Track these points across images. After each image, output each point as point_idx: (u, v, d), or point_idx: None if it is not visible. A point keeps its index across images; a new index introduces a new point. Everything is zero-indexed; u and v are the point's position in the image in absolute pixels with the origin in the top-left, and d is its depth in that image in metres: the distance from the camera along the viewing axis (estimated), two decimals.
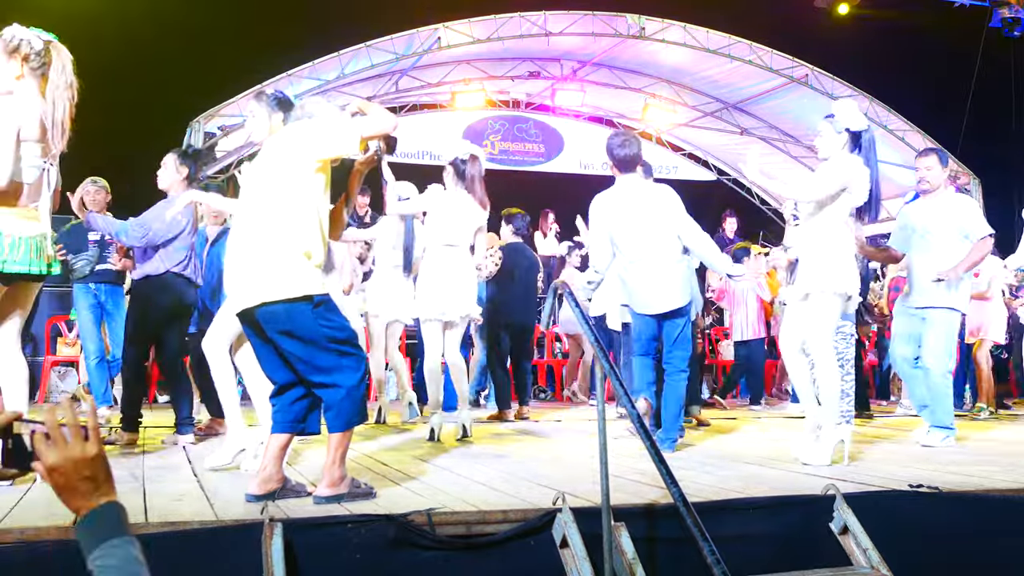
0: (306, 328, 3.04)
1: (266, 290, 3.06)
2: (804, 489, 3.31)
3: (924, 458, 4.46)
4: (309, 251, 3.10)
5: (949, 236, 5.15)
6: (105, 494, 1.35)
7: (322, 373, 3.09)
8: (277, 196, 3.11)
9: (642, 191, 4.89)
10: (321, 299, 3.08)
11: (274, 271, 3.06)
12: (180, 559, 2.46)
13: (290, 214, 3.09)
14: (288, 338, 3.07)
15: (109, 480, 1.37)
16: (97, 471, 1.35)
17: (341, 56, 11.55)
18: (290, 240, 3.07)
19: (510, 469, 3.95)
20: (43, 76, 3.42)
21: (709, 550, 2.36)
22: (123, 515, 1.35)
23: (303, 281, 3.06)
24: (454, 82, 13.18)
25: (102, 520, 1.33)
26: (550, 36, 12.09)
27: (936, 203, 5.25)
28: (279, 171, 3.15)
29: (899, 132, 13.07)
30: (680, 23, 12.36)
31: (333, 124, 3.25)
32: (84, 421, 1.38)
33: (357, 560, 2.56)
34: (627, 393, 2.86)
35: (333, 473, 3.08)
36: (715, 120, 14.10)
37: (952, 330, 5.19)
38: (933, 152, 5.46)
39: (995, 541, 3.12)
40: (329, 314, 3.11)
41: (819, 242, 4.31)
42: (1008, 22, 13.19)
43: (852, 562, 2.90)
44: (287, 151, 3.17)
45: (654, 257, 4.75)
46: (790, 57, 12.77)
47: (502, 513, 2.81)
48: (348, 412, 3.10)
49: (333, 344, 3.07)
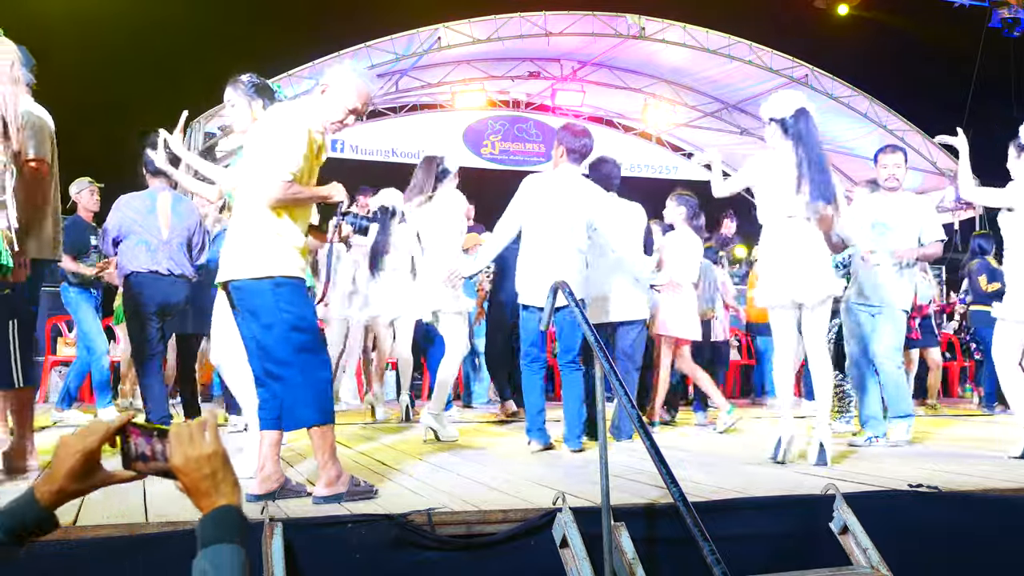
0: (266, 310, 2.98)
1: (236, 267, 3.05)
2: (804, 489, 3.31)
3: (923, 458, 4.46)
4: (280, 231, 3.03)
5: (907, 234, 5.20)
6: (225, 495, 1.35)
7: (276, 364, 3.01)
8: (255, 176, 3.08)
9: (573, 184, 4.86)
10: (285, 282, 3.00)
11: (246, 249, 3.04)
12: (180, 559, 2.45)
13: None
14: (250, 317, 3.04)
15: (228, 480, 1.36)
16: (216, 468, 1.35)
17: (341, 56, 11.56)
18: (260, 220, 3.03)
19: (510, 469, 3.95)
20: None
21: (709, 550, 2.35)
22: (238, 521, 1.33)
23: (270, 261, 3.00)
24: (454, 82, 13.19)
25: (216, 523, 1.32)
26: (550, 36, 12.09)
27: (898, 200, 5.29)
28: (255, 152, 3.11)
29: (899, 132, 13.08)
30: (680, 23, 12.37)
31: (278, 150, 3.00)
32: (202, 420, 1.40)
33: (357, 560, 2.56)
34: (627, 393, 2.86)
35: (328, 472, 3.04)
36: (715, 120, 14.11)
37: (903, 327, 5.29)
38: (899, 149, 5.52)
39: (995, 541, 3.12)
40: (293, 299, 3.01)
41: (767, 245, 4.34)
42: (1008, 22, 13.20)
43: (852, 562, 2.90)
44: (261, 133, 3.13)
45: (554, 249, 4.71)
46: (790, 57, 12.78)
47: (502, 513, 2.81)
48: (298, 411, 3.01)
49: (293, 333, 2.98)
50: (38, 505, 1.36)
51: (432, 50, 11.90)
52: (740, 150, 13.19)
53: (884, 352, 5.20)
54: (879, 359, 5.22)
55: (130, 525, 2.58)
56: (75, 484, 1.38)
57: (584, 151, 4.93)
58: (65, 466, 1.37)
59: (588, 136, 4.94)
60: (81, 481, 1.38)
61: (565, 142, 4.90)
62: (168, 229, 5.07)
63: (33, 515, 1.37)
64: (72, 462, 1.37)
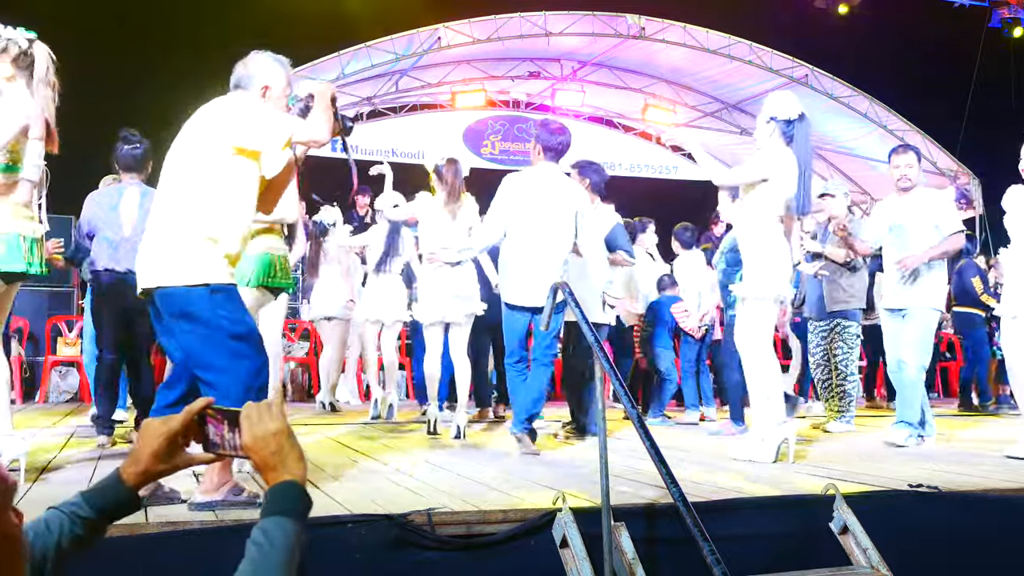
0: (203, 314, 2.84)
1: (164, 273, 2.88)
2: (804, 489, 3.31)
3: (924, 458, 4.46)
4: (215, 237, 2.89)
5: (924, 232, 5.15)
6: (290, 471, 1.40)
7: (209, 370, 2.87)
8: (188, 175, 2.93)
9: (556, 182, 4.89)
10: (220, 288, 2.87)
11: (174, 253, 2.87)
12: (180, 559, 2.46)
13: (199, 195, 2.90)
14: (184, 321, 2.87)
15: (293, 456, 1.41)
16: (282, 444, 1.40)
17: (341, 56, 11.55)
18: (195, 223, 2.88)
19: (510, 469, 3.95)
20: (30, 75, 3.38)
21: (709, 550, 2.35)
22: (299, 496, 1.39)
23: (203, 268, 2.86)
24: (454, 82, 13.18)
25: (277, 497, 1.38)
26: (550, 36, 12.08)
27: (912, 200, 5.26)
28: (195, 148, 2.95)
29: (899, 132, 13.07)
30: (680, 23, 12.35)
31: (262, 115, 3.01)
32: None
33: (357, 560, 2.55)
34: (627, 393, 2.86)
35: (212, 477, 2.90)
36: (715, 120, 14.10)
37: (930, 328, 5.21)
38: (911, 149, 5.49)
39: (995, 541, 3.12)
40: (229, 305, 2.90)
41: (751, 242, 4.33)
42: (1008, 22, 13.21)
43: (852, 562, 2.90)
44: (205, 128, 2.97)
45: (541, 247, 4.72)
46: (790, 57, 12.77)
47: (502, 513, 2.81)
48: None
49: (230, 340, 2.87)
50: (124, 485, 1.44)
51: (432, 50, 11.89)
52: (740, 150, 13.18)
53: (905, 353, 5.14)
54: (901, 358, 5.16)
55: (130, 525, 2.57)
56: (159, 465, 1.46)
57: (561, 149, 4.95)
58: (149, 448, 1.45)
59: (564, 133, 5.02)
60: (164, 462, 1.46)
61: (542, 140, 4.92)
62: (131, 226, 4.69)
63: (119, 495, 1.45)
64: (156, 444, 1.45)
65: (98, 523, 1.43)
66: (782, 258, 4.28)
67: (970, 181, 13.84)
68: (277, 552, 1.31)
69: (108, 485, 1.45)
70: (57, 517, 1.40)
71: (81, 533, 1.40)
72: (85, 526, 1.41)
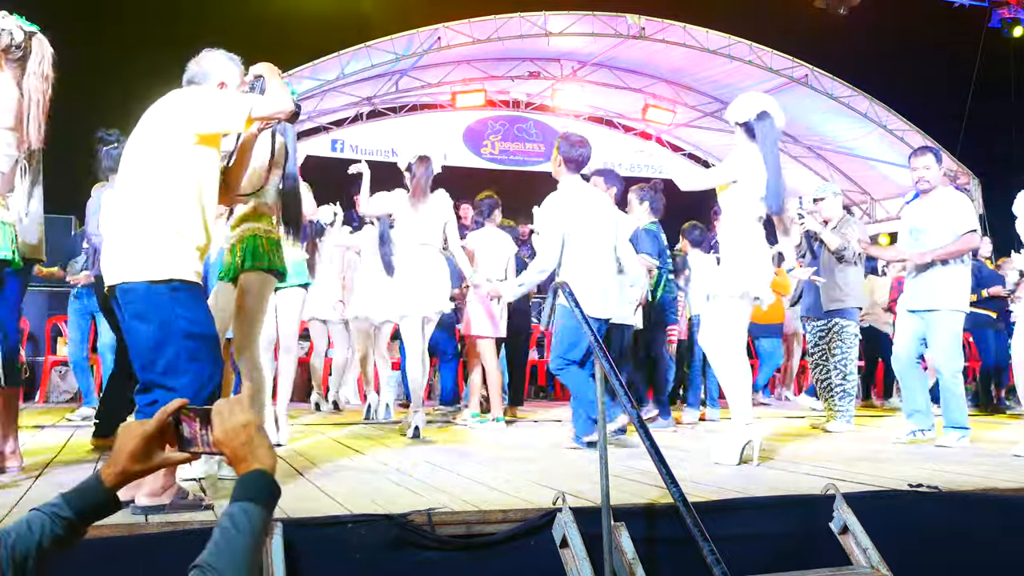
0: (161, 314, 2.77)
1: (128, 268, 2.82)
2: (804, 489, 3.31)
3: (924, 457, 4.46)
4: (183, 231, 2.85)
5: (943, 234, 5.16)
6: (260, 461, 1.45)
7: (160, 372, 2.79)
8: (151, 168, 2.87)
9: (593, 196, 5.10)
10: (182, 286, 2.82)
11: (140, 249, 2.82)
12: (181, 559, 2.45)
13: (163, 188, 2.84)
14: (139, 321, 2.81)
15: (262, 446, 1.46)
16: (251, 436, 1.46)
17: (341, 56, 11.56)
18: (160, 217, 2.83)
19: (510, 469, 3.95)
20: (21, 67, 3.30)
21: (709, 550, 2.36)
22: (266, 484, 1.43)
23: (169, 263, 2.81)
24: (454, 82, 13.19)
25: (244, 484, 1.42)
26: (550, 36, 12.10)
27: (931, 202, 5.27)
28: (155, 141, 2.90)
29: (898, 132, 13.09)
30: (680, 23, 12.37)
31: (219, 97, 3.02)
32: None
33: (357, 560, 2.55)
34: (627, 393, 2.86)
35: (156, 480, 2.80)
36: (715, 120, 14.10)
37: (957, 330, 5.21)
38: (929, 151, 5.47)
39: (995, 541, 3.12)
40: (191, 304, 2.83)
41: (726, 242, 4.34)
42: (1007, 22, 13.20)
43: (852, 562, 2.90)
44: (164, 120, 2.92)
45: (601, 262, 4.91)
46: (790, 57, 12.78)
47: (502, 513, 2.81)
48: None
49: (186, 341, 2.79)
50: (103, 486, 1.47)
51: (432, 50, 11.90)
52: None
53: (937, 359, 5.20)
54: (936, 366, 5.25)
55: (130, 525, 2.58)
56: (136, 465, 1.49)
57: (582, 161, 5.01)
58: (127, 449, 1.49)
59: (585, 146, 5.00)
60: (141, 462, 1.50)
61: (563, 152, 4.97)
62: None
63: (99, 496, 1.47)
64: (133, 445, 1.49)
65: (78, 524, 1.45)
66: (756, 257, 4.25)
67: (970, 181, 13.84)
68: (242, 536, 1.35)
69: (88, 487, 1.48)
70: (39, 518, 1.43)
71: (62, 533, 1.43)
72: (65, 527, 1.43)
